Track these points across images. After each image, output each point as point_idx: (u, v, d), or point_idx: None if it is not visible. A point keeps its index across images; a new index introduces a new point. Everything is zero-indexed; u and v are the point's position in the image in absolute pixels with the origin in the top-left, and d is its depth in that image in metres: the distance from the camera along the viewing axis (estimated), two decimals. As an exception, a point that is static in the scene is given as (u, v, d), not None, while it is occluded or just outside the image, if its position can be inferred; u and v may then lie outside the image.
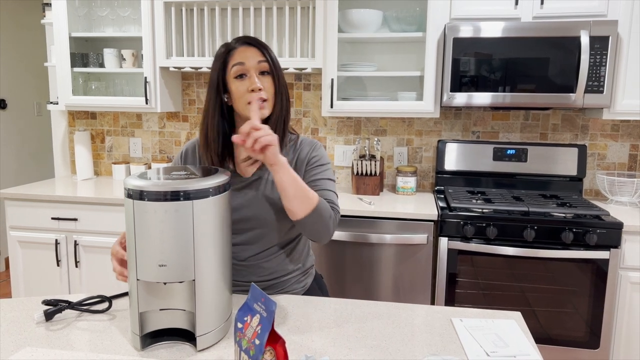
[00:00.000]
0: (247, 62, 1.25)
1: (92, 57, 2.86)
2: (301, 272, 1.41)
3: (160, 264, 0.98)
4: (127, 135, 3.18)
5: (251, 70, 1.26)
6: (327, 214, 1.23)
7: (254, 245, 1.32)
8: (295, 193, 1.17)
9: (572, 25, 2.26)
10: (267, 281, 1.35)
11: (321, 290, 1.48)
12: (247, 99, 1.25)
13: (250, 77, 1.26)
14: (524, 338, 1.09)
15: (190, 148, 1.42)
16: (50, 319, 1.15)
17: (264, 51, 1.28)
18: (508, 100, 2.35)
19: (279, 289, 1.37)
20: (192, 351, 1.03)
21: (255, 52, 1.27)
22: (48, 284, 2.66)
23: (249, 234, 1.32)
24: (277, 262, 1.35)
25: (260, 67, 1.27)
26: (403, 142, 2.90)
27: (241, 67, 1.26)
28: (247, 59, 1.26)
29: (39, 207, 2.59)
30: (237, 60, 1.26)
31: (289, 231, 1.34)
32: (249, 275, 1.34)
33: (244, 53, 1.26)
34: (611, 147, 2.71)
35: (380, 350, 1.04)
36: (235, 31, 2.83)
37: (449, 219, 2.26)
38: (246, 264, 1.34)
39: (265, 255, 1.33)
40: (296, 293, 1.40)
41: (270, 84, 1.28)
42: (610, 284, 2.18)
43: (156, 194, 0.96)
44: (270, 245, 1.33)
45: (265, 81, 1.27)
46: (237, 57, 1.26)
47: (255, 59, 1.26)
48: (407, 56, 2.80)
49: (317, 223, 1.22)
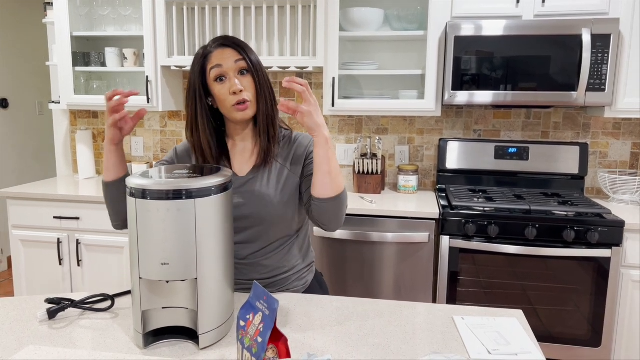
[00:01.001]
0: (224, 64, 1.25)
1: (93, 56, 2.87)
2: (302, 269, 1.41)
3: (162, 262, 0.98)
4: (129, 135, 3.18)
5: (229, 72, 1.25)
6: (346, 203, 1.27)
7: (253, 243, 1.33)
8: (329, 169, 1.19)
9: (573, 24, 2.26)
10: (268, 279, 1.36)
11: (321, 287, 1.49)
12: (230, 102, 1.25)
13: (230, 79, 1.25)
14: (525, 336, 1.09)
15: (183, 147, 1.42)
16: (53, 318, 1.15)
17: (241, 50, 1.27)
18: (509, 99, 2.35)
19: (280, 287, 1.37)
20: (194, 349, 1.04)
21: (231, 52, 1.26)
22: (50, 282, 2.67)
23: (247, 233, 1.32)
24: (277, 259, 1.35)
25: (238, 66, 1.26)
26: (404, 141, 2.90)
27: (219, 70, 1.25)
28: (224, 60, 1.25)
29: (41, 206, 2.60)
30: (215, 63, 1.25)
31: (286, 228, 1.34)
32: (249, 274, 1.35)
33: (221, 55, 1.25)
34: (613, 145, 2.70)
35: (382, 349, 1.04)
36: (236, 30, 2.83)
37: (450, 218, 2.26)
38: (246, 262, 1.34)
39: (264, 253, 1.34)
40: (297, 290, 1.40)
41: (251, 83, 1.27)
42: (612, 282, 2.18)
43: (159, 193, 0.96)
44: (268, 243, 1.33)
45: (246, 81, 1.26)
46: (214, 59, 1.25)
47: (232, 59, 1.25)
48: (409, 55, 2.80)
49: (338, 208, 1.25)
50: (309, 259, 1.45)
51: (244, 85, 1.26)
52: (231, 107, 1.25)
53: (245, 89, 1.25)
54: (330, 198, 1.22)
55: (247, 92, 1.26)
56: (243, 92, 1.25)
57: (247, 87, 1.26)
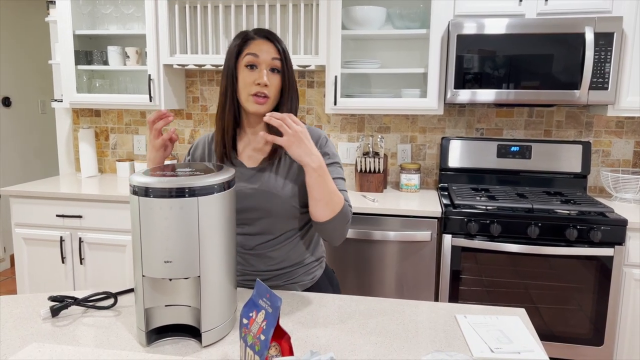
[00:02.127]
0: (261, 55, 1.27)
1: (96, 54, 2.87)
2: (310, 263, 1.41)
3: (165, 260, 0.99)
4: (131, 133, 3.19)
5: (262, 64, 1.27)
6: (347, 219, 1.24)
7: (261, 235, 1.33)
8: (320, 196, 1.18)
9: (576, 22, 2.25)
10: (275, 270, 1.36)
11: (332, 284, 1.49)
12: (250, 90, 1.27)
13: (260, 70, 1.27)
14: (528, 334, 1.09)
15: (201, 142, 1.44)
16: (56, 315, 1.16)
17: (280, 51, 1.29)
18: (512, 97, 2.35)
19: (287, 279, 1.38)
20: (197, 347, 1.04)
21: (271, 48, 1.28)
22: (53, 280, 2.68)
23: (254, 224, 1.33)
24: (284, 251, 1.35)
25: (273, 63, 1.28)
26: (407, 139, 2.90)
27: (254, 58, 1.27)
28: (261, 52, 1.27)
29: (44, 204, 2.61)
30: (252, 51, 1.27)
31: (294, 221, 1.34)
32: (257, 264, 1.36)
33: (261, 46, 1.28)
34: (616, 144, 2.70)
35: (385, 347, 1.04)
36: (238, 28, 2.83)
37: (452, 216, 2.26)
38: (254, 253, 1.35)
39: (271, 245, 1.34)
40: (304, 284, 1.40)
41: (278, 83, 1.29)
42: (615, 281, 2.17)
43: (161, 191, 0.96)
44: (276, 235, 1.34)
45: (274, 79, 1.28)
46: (254, 47, 1.28)
47: (270, 54, 1.27)
48: (411, 53, 2.80)
49: (336, 229, 1.24)
50: (318, 253, 1.45)
51: (271, 82, 1.27)
52: (249, 96, 1.27)
53: (270, 85, 1.27)
54: (327, 221, 1.22)
55: (270, 89, 1.28)
56: (267, 87, 1.27)
57: (272, 85, 1.28)
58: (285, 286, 1.38)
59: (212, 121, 3.09)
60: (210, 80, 3.05)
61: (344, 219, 1.24)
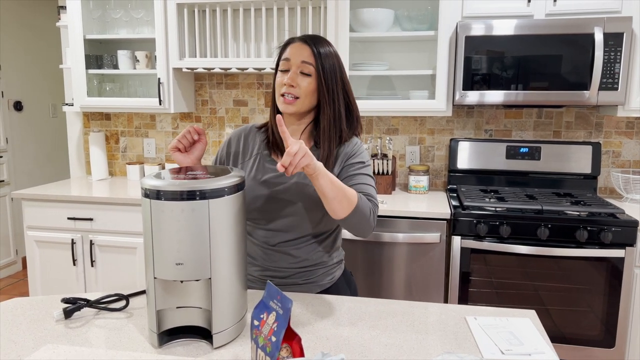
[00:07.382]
0: (292, 59, 1.30)
1: (106, 58, 2.90)
2: (330, 264, 1.42)
3: (177, 262, 1.00)
4: (141, 136, 3.21)
5: (292, 67, 1.30)
6: (367, 210, 1.25)
7: (286, 232, 1.35)
8: (334, 195, 1.18)
9: (585, 22, 2.24)
10: (296, 268, 1.38)
11: (349, 287, 1.49)
12: (279, 91, 1.32)
13: (290, 73, 1.30)
14: (539, 336, 1.09)
15: (235, 135, 1.48)
16: (69, 317, 1.17)
17: (315, 54, 1.29)
18: (521, 98, 2.34)
19: (306, 278, 1.39)
20: (208, 348, 1.05)
21: (305, 51, 1.30)
22: (64, 283, 2.70)
23: (281, 220, 1.34)
24: (306, 251, 1.37)
25: (302, 66, 1.29)
26: (415, 141, 2.89)
27: (285, 62, 1.31)
28: (293, 56, 1.30)
29: (56, 207, 2.63)
30: (286, 56, 1.32)
31: (321, 222, 1.35)
32: (278, 261, 1.37)
33: (294, 50, 1.31)
34: (626, 144, 2.68)
35: (395, 348, 1.05)
36: (247, 32, 2.84)
37: (462, 218, 2.26)
38: (276, 249, 1.36)
39: (295, 243, 1.36)
40: (323, 285, 1.41)
41: (308, 85, 1.30)
42: (626, 282, 2.16)
43: (173, 194, 0.97)
44: (301, 235, 1.35)
45: (304, 81, 1.30)
46: (288, 52, 1.32)
47: (301, 57, 1.29)
48: (419, 55, 2.80)
49: (359, 222, 1.24)
50: (339, 255, 1.47)
51: (299, 83, 1.29)
52: (279, 96, 1.32)
53: (298, 87, 1.29)
54: (348, 215, 1.22)
55: (298, 90, 1.29)
56: (294, 88, 1.29)
57: (301, 87, 1.29)
58: (304, 285, 1.39)
59: (221, 124, 3.11)
60: (219, 84, 3.07)
61: (364, 211, 1.23)
